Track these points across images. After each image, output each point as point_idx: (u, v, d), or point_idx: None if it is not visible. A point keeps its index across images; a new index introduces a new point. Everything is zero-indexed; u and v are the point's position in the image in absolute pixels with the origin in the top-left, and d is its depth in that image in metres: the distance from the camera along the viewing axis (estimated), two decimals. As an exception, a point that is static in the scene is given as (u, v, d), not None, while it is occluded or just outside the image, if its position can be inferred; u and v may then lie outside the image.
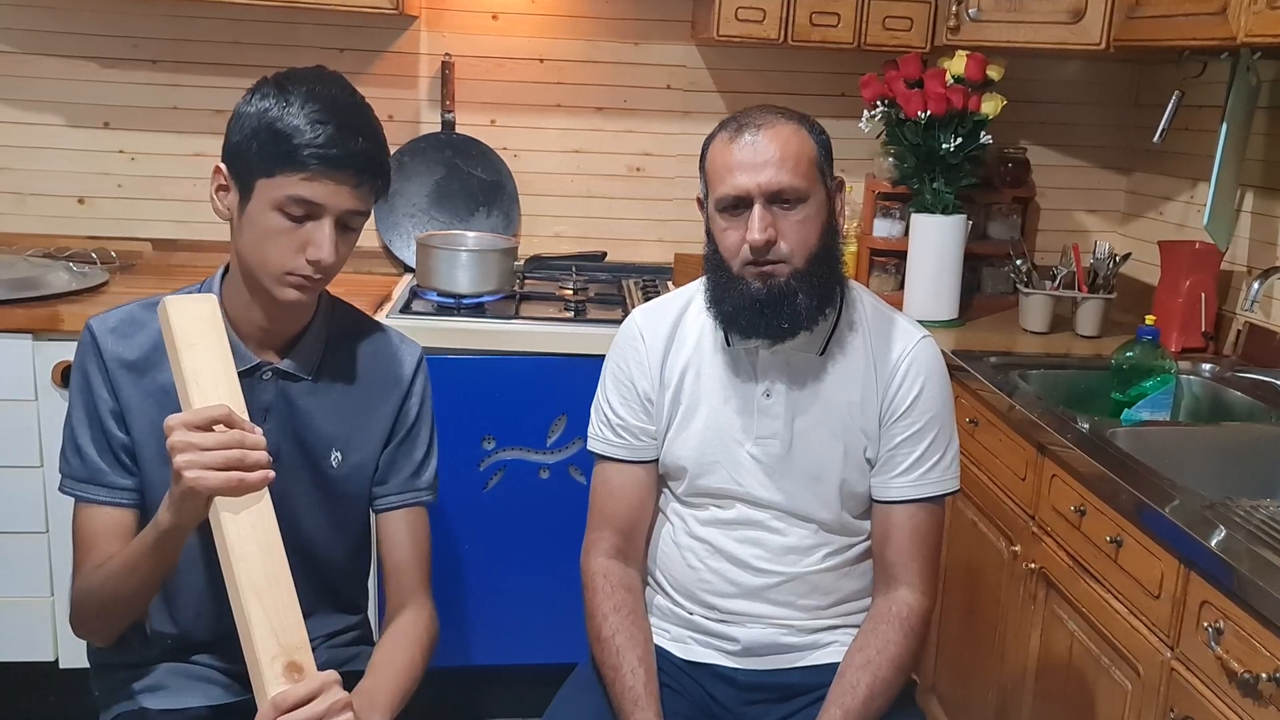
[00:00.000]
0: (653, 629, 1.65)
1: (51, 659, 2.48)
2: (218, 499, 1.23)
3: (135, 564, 1.33)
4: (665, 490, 1.68)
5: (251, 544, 1.22)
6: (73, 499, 1.45)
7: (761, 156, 1.47)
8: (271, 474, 1.26)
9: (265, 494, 1.26)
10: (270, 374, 1.46)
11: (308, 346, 1.48)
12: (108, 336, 1.43)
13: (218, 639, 1.50)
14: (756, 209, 1.48)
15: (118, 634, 1.45)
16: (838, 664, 1.56)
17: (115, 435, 1.42)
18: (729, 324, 1.56)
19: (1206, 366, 2.42)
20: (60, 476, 1.45)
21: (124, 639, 1.47)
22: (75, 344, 1.46)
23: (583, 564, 1.65)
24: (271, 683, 1.16)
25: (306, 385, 1.48)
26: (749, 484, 1.59)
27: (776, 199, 1.48)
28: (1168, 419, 2.24)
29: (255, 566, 1.21)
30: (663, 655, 1.63)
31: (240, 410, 1.28)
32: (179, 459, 1.21)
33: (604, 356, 1.70)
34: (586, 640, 1.63)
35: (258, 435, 1.26)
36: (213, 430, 1.24)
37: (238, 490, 1.23)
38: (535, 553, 2.54)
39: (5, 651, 2.48)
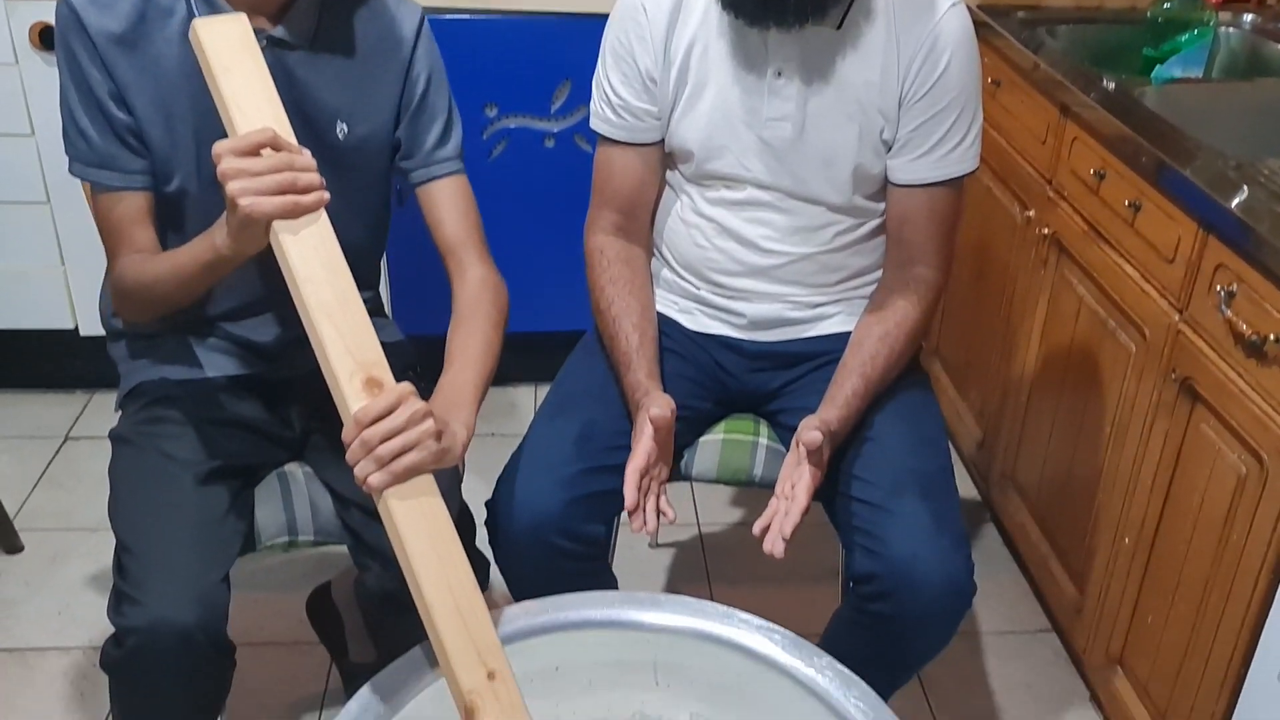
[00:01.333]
0: (661, 300, 1.66)
1: (70, 326, 2.54)
2: (276, 223, 1.19)
3: (188, 278, 1.31)
4: (674, 169, 1.62)
5: (316, 265, 1.20)
6: (86, 183, 1.41)
7: None
8: (326, 195, 1.21)
9: (323, 214, 1.22)
10: (265, 42, 1.36)
11: (301, 12, 1.39)
12: (89, 9, 1.32)
13: (235, 310, 1.50)
14: None
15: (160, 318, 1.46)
16: (840, 333, 1.58)
17: (117, 117, 1.36)
18: (734, 7, 1.44)
19: (1248, 17, 2.28)
20: (68, 159, 1.40)
21: None
22: (51, 3, 1.35)
23: (585, 241, 1.63)
24: (352, 398, 1.18)
25: (304, 54, 1.40)
26: (756, 169, 1.53)
27: None
28: (1200, 76, 2.14)
29: (323, 287, 1.20)
30: (671, 325, 1.64)
31: (286, 134, 1.22)
32: (232, 186, 1.16)
33: (608, 17, 1.59)
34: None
35: (306, 157, 1.21)
36: (260, 154, 1.18)
37: (294, 213, 1.19)
38: (543, 222, 2.52)
39: (25, 319, 2.54)
